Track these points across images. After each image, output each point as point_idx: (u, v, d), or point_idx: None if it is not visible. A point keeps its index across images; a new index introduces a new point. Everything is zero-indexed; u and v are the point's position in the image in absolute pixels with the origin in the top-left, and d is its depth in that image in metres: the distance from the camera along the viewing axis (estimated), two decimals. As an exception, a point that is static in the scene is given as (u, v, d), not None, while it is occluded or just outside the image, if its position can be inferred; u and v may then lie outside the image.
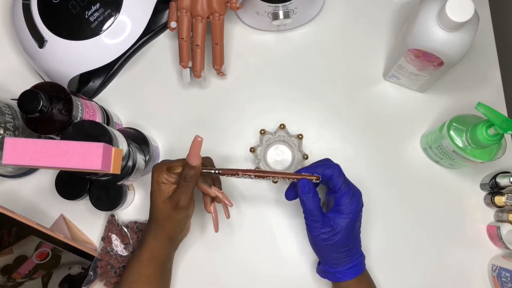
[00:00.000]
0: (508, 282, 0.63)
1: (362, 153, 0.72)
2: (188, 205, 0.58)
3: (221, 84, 0.75)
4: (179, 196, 0.57)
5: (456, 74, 0.72)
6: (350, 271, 0.59)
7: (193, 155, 0.54)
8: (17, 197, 0.72)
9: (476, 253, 0.69)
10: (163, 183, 0.58)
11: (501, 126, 0.55)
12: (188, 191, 0.57)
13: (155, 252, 0.60)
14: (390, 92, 0.73)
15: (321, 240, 0.58)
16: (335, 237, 0.57)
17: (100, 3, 0.66)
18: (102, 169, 0.49)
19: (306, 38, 0.76)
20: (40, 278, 0.66)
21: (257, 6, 0.69)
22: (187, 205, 0.58)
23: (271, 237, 0.70)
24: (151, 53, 0.76)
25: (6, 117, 0.62)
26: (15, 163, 0.49)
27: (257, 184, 0.70)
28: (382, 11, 0.76)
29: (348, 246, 0.59)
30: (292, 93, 0.74)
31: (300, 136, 0.66)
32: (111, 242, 0.68)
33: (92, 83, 0.74)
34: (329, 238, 0.58)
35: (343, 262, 0.59)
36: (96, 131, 0.57)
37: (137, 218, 0.71)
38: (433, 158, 0.71)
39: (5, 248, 0.61)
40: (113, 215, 0.69)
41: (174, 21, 0.67)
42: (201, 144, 0.54)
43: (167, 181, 0.59)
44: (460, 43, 0.57)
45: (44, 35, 0.66)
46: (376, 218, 0.70)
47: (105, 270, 0.68)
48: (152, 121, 0.74)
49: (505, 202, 0.66)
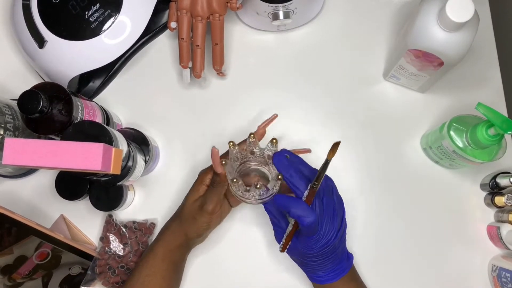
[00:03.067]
0: (508, 282, 0.63)
1: (362, 153, 0.72)
2: (213, 211, 0.60)
3: (221, 84, 0.75)
4: (206, 199, 0.60)
5: (456, 74, 0.72)
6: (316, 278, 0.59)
7: (215, 165, 0.57)
8: (17, 197, 0.72)
9: (476, 253, 0.69)
10: (204, 184, 0.61)
11: (501, 127, 0.55)
12: (213, 196, 0.59)
13: (170, 249, 0.62)
14: (390, 93, 0.73)
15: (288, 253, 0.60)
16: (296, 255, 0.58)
17: (100, 3, 0.66)
18: (102, 170, 0.49)
19: (306, 38, 0.76)
20: (40, 279, 0.66)
21: (257, 6, 0.69)
22: (211, 210, 0.59)
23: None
24: (151, 53, 0.76)
25: (6, 118, 0.62)
26: (15, 163, 0.49)
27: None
28: (382, 11, 0.76)
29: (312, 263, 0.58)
30: (292, 93, 0.74)
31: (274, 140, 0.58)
32: (109, 242, 0.68)
33: (92, 83, 0.74)
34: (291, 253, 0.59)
35: (315, 271, 0.59)
36: (96, 132, 0.57)
37: (135, 218, 0.71)
38: (433, 158, 0.71)
39: (5, 248, 0.62)
40: (110, 215, 0.69)
41: (174, 21, 0.67)
42: (217, 154, 0.56)
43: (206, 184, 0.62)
44: (460, 43, 0.57)
45: (44, 35, 0.66)
46: (375, 218, 0.70)
47: (103, 270, 0.67)
48: (152, 121, 0.74)
49: (505, 203, 0.66)
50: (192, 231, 0.61)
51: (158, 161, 0.73)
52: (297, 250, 0.58)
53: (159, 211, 0.71)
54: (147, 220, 0.70)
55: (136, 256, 0.68)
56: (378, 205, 0.70)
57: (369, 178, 0.70)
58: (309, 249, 0.56)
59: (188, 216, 0.61)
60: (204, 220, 0.60)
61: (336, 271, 0.58)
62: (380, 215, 0.70)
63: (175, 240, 0.62)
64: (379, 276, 0.68)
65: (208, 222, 0.61)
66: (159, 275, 0.61)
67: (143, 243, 0.68)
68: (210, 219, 0.61)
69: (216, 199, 0.60)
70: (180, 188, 0.72)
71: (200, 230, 0.62)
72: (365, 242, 0.69)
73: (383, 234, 0.70)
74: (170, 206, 0.71)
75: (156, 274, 0.61)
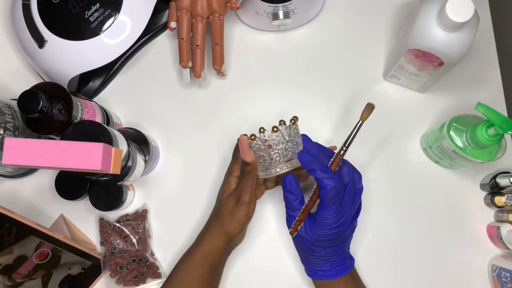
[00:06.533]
0: (508, 282, 0.63)
1: (362, 153, 0.72)
2: (250, 201, 0.59)
3: (221, 84, 0.75)
4: (240, 190, 0.59)
5: (456, 74, 0.72)
6: (321, 273, 0.59)
7: (244, 153, 0.56)
8: (17, 197, 0.72)
9: (476, 253, 0.69)
10: (235, 175, 0.61)
11: (501, 126, 0.55)
12: (247, 186, 0.58)
13: (209, 252, 0.61)
14: (390, 92, 0.73)
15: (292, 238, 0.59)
16: (305, 242, 0.58)
17: (100, 3, 0.66)
18: (102, 169, 0.49)
19: (306, 38, 0.76)
20: (40, 278, 0.66)
21: (257, 6, 0.69)
22: (248, 200, 0.59)
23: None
24: (151, 53, 0.76)
25: (6, 117, 0.62)
26: (15, 163, 0.49)
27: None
28: (382, 11, 0.76)
29: (320, 253, 0.58)
30: (292, 93, 0.74)
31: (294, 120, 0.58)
32: (110, 243, 0.68)
33: (92, 83, 0.74)
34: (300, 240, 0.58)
35: (313, 263, 0.59)
36: (96, 131, 0.57)
37: (127, 212, 0.71)
38: (433, 158, 0.71)
39: (5, 248, 0.62)
40: (101, 218, 0.70)
41: (174, 21, 0.67)
42: (247, 142, 0.55)
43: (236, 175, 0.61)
44: (460, 43, 0.57)
45: (44, 35, 0.66)
46: (375, 218, 0.70)
47: (116, 271, 0.68)
48: (152, 121, 0.74)
49: (505, 202, 0.66)
50: (233, 228, 0.60)
51: (158, 161, 0.73)
52: (308, 235, 0.57)
53: (159, 210, 0.71)
54: (138, 210, 0.70)
55: (141, 243, 0.68)
56: (378, 205, 0.70)
57: (369, 178, 0.70)
58: (324, 228, 0.55)
59: (226, 213, 0.60)
60: (242, 213, 0.59)
61: (341, 266, 0.59)
62: (380, 215, 0.70)
63: (215, 242, 0.61)
64: (379, 275, 0.68)
65: (247, 215, 0.60)
66: (196, 281, 0.60)
67: (142, 230, 0.69)
68: (248, 211, 0.60)
69: (251, 189, 0.59)
70: (180, 188, 0.72)
71: (240, 225, 0.60)
72: (364, 242, 0.69)
73: (382, 233, 0.70)
74: (170, 205, 0.71)
75: (192, 278, 0.60)
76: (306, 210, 0.57)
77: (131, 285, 0.67)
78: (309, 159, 0.55)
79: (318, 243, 0.57)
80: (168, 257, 0.69)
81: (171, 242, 0.70)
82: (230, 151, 0.73)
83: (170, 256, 0.69)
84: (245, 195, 0.59)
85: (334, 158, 0.56)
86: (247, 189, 0.58)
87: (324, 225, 0.55)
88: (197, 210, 0.70)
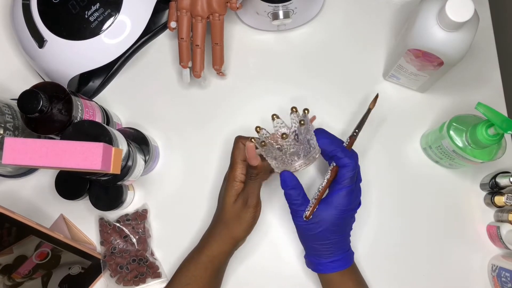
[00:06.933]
0: (508, 282, 0.63)
1: (362, 153, 0.72)
2: (257, 203, 0.60)
3: (221, 84, 0.75)
4: (247, 193, 0.60)
5: (456, 74, 0.72)
6: (331, 265, 0.59)
7: (251, 158, 0.57)
8: (17, 197, 0.72)
9: (476, 253, 0.69)
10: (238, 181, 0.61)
11: (501, 126, 0.55)
12: (254, 189, 0.59)
13: (215, 256, 0.61)
14: (390, 92, 0.73)
15: (303, 229, 0.59)
16: (318, 229, 0.57)
17: (100, 3, 0.66)
18: (102, 169, 0.49)
19: (306, 38, 0.76)
20: (40, 278, 0.66)
21: (257, 6, 0.69)
22: (255, 203, 0.60)
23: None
24: (151, 53, 0.76)
25: (6, 117, 0.62)
26: (15, 163, 0.49)
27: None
28: (382, 11, 0.76)
29: (331, 240, 0.58)
30: (292, 93, 0.74)
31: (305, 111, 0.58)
32: (110, 243, 0.68)
33: (92, 83, 0.74)
34: (312, 229, 0.58)
35: (325, 255, 0.59)
36: (96, 131, 0.57)
37: (127, 211, 0.71)
38: (433, 158, 0.71)
39: (5, 248, 0.62)
40: (101, 218, 0.70)
41: (174, 21, 0.67)
42: (253, 148, 0.56)
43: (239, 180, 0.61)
44: (460, 43, 0.57)
45: (44, 35, 0.66)
46: (375, 218, 0.70)
47: (116, 271, 0.68)
48: (152, 121, 0.74)
49: (505, 202, 0.66)
50: (241, 231, 0.61)
51: (158, 161, 0.73)
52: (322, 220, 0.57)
53: (159, 210, 0.71)
54: (138, 210, 0.70)
55: (141, 243, 0.68)
56: (378, 205, 0.70)
57: (369, 178, 0.70)
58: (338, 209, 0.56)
59: (233, 217, 0.60)
60: (249, 216, 0.60)
61: (346, 258, 0.59)
62: (380, 215, 0.70)
63: (221, 247, 0.61)
64: (379, 275, 0.68)
65: (254, 217, 0.60)
66: (201, 284, 0.60)
67: (142, 230, 0.69)
68: (255, 213, 0.60)
69: (257, 192, 0.60)
70: (180, 188, 0.72)
71: (248, 228, 0.61)
72: (364, 241, 0.69)
73: (382, 233, 0.70)
74: (170, 205, 0.71)
75: (197, 282, 0.60)
76: (321, 193, 0.58)
77: (131, 285, 0.67)
78: (329, 140, 0.58)
79: (332, 227, 0.57)
80: (168, 257, 0.69)
81: (171, 242, 0.70)
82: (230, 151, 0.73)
83: (170, 256, 0.69)
84: (253, 198, 0.59)
85: (349, 141, 0.59)
86: (254, 192, 0.59)
87: (339, 205, 0.57)
88: (197, 210, 0.71)
